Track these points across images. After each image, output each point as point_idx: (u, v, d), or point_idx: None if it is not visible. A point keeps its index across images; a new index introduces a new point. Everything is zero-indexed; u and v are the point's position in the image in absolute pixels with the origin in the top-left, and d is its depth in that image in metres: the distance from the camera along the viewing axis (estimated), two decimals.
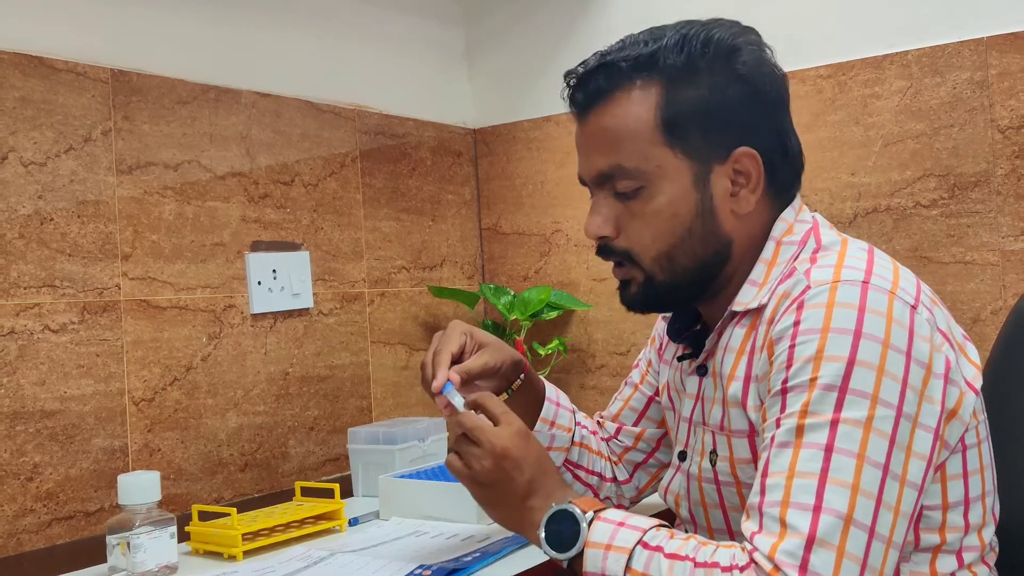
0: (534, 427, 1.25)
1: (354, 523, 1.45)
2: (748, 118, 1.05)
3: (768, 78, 1.06)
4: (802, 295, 0.96)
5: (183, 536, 1.34)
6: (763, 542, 0.87)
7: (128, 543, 1.19)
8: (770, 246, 1.07)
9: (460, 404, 1.09)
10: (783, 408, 0.93)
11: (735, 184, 1.05)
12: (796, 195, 1.11)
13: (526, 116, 2.27)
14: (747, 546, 0.89)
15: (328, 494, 1.46)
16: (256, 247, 1.81)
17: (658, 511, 1.30)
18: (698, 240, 1.05)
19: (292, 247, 1.87)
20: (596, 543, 0.96)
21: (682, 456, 1.16)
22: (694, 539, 0.93)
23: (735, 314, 1.06)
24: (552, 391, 1.29)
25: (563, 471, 1.29)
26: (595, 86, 1.06)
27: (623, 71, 1.05)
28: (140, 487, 1.20)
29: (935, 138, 1.75)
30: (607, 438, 1.35)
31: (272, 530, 1.38)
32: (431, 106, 2.24)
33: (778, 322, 0.97)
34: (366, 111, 2.06)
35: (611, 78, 1.05)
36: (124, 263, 1.60)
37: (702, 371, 1.11)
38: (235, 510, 1.35)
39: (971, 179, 1.72)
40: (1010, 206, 1.69)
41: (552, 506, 1.00)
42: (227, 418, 1.73)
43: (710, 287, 1.09)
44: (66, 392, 1.51)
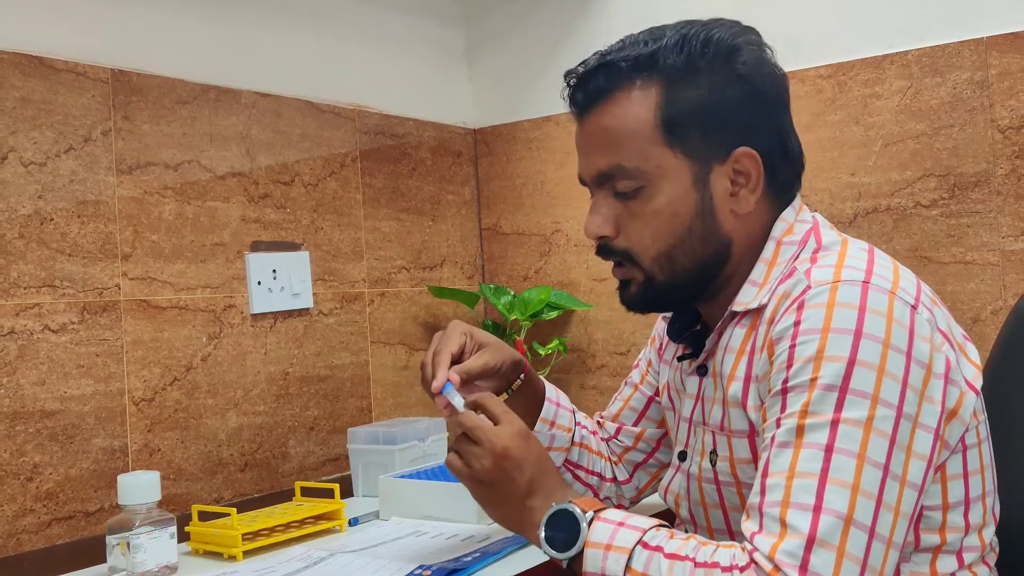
0: (534, 427, 1.25)
1: (354, 523, 1.44)
2: (748, 118, 1.05)
3: (768, 78, 1.06)
4: (802, 295, 0.96)
5: (183, 536, 1.33)
6: (763, 542, 0.87)
7: (128, 543, 1.19)
8: (770, 246, 1.07)
9: (460, 404, 1.09)
10: (783, 408, 0.93)
11: (735, 184, 1.05)
12: (796, 195, 1.11)
13: (526, 116, 2.27)
14: (747, 546, 0.89)
15: (328, 494, 1.46)
16: (256, 247, 1.80)
17: (658, 511, 1.30)
18: (698, 240, 1.05)
19: (292, 247, 1.87)
20: (596, 543, 0.95)
21: (682, 456, 1.16)
22: (694, 539, 0.93)
23: (735, 314, 1.06)
24: (552, 391, 1.29)
25: (563, 471, 1.29)
26: (595, 86, 1.06)
27: (623, 71, 1.05)
28: (140, 487, 1.20)
29: (935, 138, 1.75)
30: (607, 438, 1.35)
31: (272, 530, 1.37)
32: (431, 106, 2.24)
33: (778, 322, 0.97)
34: (366, 111, 2.06)
35: (611, 78, 1.05)
36: (124, 263, 1.60)
37: (702, 371, 1.11)
38: (235, 510, 1.35)
39: (971, 179, 1.72)
40: (1010, 206, 1.69)
41: (552, 506, 1.00)
42: (227, 418, 1.73)
43: (710, 287, 1.09)
44: (66, 392, 1.51)
